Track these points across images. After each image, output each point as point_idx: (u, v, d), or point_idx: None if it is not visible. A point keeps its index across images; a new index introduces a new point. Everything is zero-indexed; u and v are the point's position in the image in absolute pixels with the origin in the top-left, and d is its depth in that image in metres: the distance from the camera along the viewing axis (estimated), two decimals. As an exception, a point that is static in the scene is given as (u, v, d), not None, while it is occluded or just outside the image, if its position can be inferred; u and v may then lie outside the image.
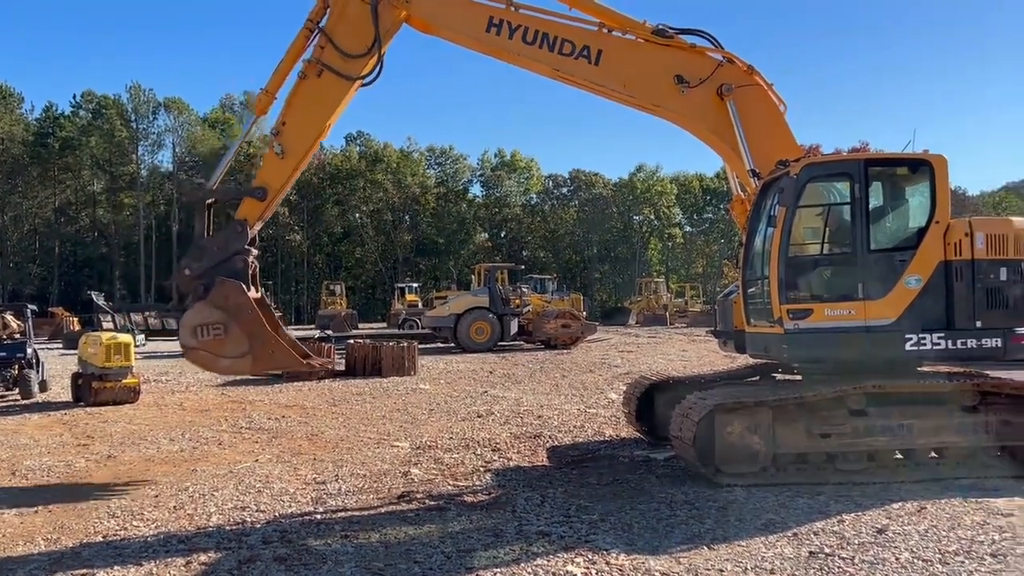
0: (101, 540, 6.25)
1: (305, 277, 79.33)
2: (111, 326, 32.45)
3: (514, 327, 28.21)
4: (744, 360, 9.96)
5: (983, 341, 7.67)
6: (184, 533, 6.37)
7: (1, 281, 67.68)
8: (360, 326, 47.09)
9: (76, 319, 41.48)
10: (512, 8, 8.94)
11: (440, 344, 29.23)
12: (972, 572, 5.14)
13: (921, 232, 7.87)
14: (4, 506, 7.26)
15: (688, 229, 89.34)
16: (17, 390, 15.14)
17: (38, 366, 15.80)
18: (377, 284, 79.34)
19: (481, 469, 8.66)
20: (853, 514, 6.50)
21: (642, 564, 5.41)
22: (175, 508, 7.14)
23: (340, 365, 19.28)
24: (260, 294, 8.75)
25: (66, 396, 15.09)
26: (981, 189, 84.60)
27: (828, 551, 5.59)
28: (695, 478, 7.83)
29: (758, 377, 9.63)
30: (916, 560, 5.37)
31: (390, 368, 18.71)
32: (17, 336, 15.80)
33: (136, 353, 15.48)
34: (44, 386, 15.69)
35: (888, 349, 7.76)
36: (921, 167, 8.02)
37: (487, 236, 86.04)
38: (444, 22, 9.08)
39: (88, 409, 13.64)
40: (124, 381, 14.18)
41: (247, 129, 9.51)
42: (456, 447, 9.91)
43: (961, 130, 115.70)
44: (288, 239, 77.64)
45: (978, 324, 7.66)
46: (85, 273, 73.90)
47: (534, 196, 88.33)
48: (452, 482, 8.08)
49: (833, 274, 8.34)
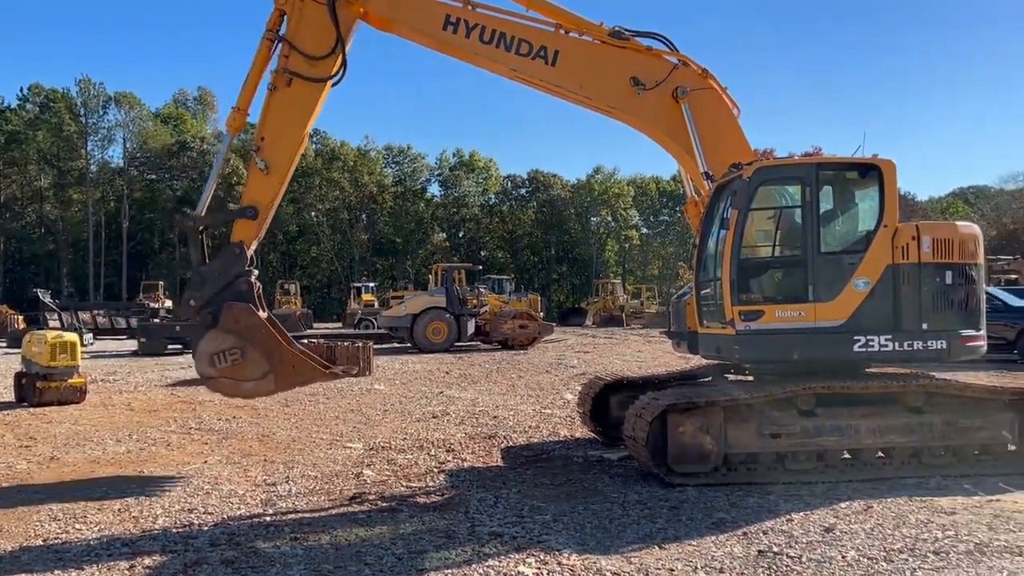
0: (41, 544, 6.07)
1: (260, 276, 78.26)
2: (57, 324, 31.73)
3: (471, 327, 28.15)
4: (698, 361, 10.05)
5: (929, 343, 7.83)
6: (128, 536, 6.22)
7: (-57, 278, 65.85)
8: (315, 326, 46.62)
9: (21, 317, 40.44)
10: (469, 7, 8.91)
11: (396, 344, 29.07)
12: (915, 570, 5.23)
13: (870, 236, 8.01)
14: (-60, 509, 7.03)
15: (645, 231, 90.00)
16: (-43, 390, 14.71)
17: (-20, 365, 15.37)
18: (333, 283, 78.64)
19: (435, 470, 8.61)
20: (801, 513, 6.59)
21: (593, 564, 5.42)
22: (120, 511, 6.97)
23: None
24: (267, 313, 8.63)
25: (9, 396, 14.69)
26: (930, 194, 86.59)
27: (776, 550, 5.66)
28: (648, 478, 7.87)
29: (710, 378, 9.72)
30: (862, 558, 5.46)
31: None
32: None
33: (83, 352, 15.13)
34: (-14, 386, 15.27)
35: (837, 350, 7.88)
36: (870, 171, 8.16)
37: (445, 236, 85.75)
38: (401, 19, 9.02)
39: (32, 409, 13.28)
40: (70, 381, 13.84)
41: (223, 150, 9.21)
42: (410, 448, 9.84)
43: (911, 136, 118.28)
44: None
45: (924, 326, 7.81)
46: (31, 270, 72.16)
47: (492, 196, 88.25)
48: (405, 483, 8.02)
49: (784, 276, 8.46)
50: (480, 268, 41.84)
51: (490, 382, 17.17)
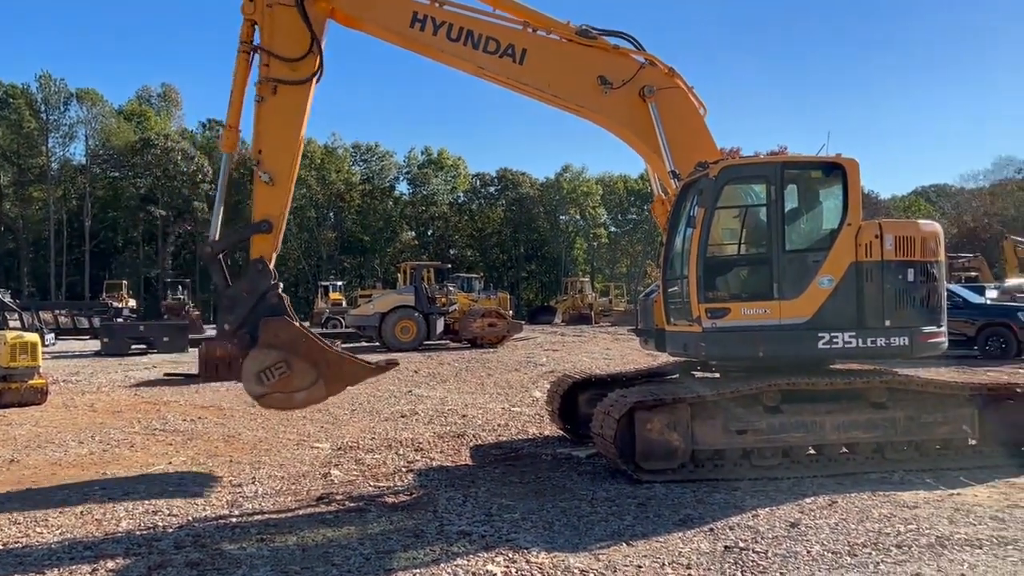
0: (1, 548, 5.95)
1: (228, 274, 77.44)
2: (18, 324, 31.08)
3: (440, 326, 28.08)
4: (666, 358, 10.11)
5: (892, 339, 7.95)
6: (91, 539, 6.12)
7: (-102, 277, 64.31)
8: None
9: (-20, 317, 39.59)
10: (437, 4, 8.88)
11: (364, 343, 28.91)
12: (878, 563, 5.30)
13: (834, 234, 8.11)
14: None
15: (613, 229, 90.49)
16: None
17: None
18: (300, 282, 77.94)
19: (403, 469, 8.58)
20: (767, 509, 6.66)
21: (562, 562, 5.43)
22: (82, 513, 6.86)
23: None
24: (299, 322, 8.62)
25: (-33, 398, 14.35)
26: (892, 193, 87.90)
27: (743, 545, 5.71)
28: (616, 475, 7.90)
29: (678, 375, 9.79)
30: (826, 553, 5.52)
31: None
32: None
33: (44, 353, 14.87)
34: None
35: (802, 347, 7.97)
36: (834, 170, 8.27)
37: (413, 234, 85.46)
38: (368, 16, 8.96)
39: (-9, 411, 13.01)
40: (30, 382, 13.58)
41: (224, 171, 9.02)
42: (378, 447, 9.80)
43: (875, 135, 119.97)
44: (208, 235, 75.63)
45: (887, 323, 7.93)
46: (-10, 269, 70.78)
47: (461, 195, 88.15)
48: (373, 483, 7.98)
49: (750, 274, 8.54)
50: (449, 266, 41.76)
51: (459, 381, 17.14)
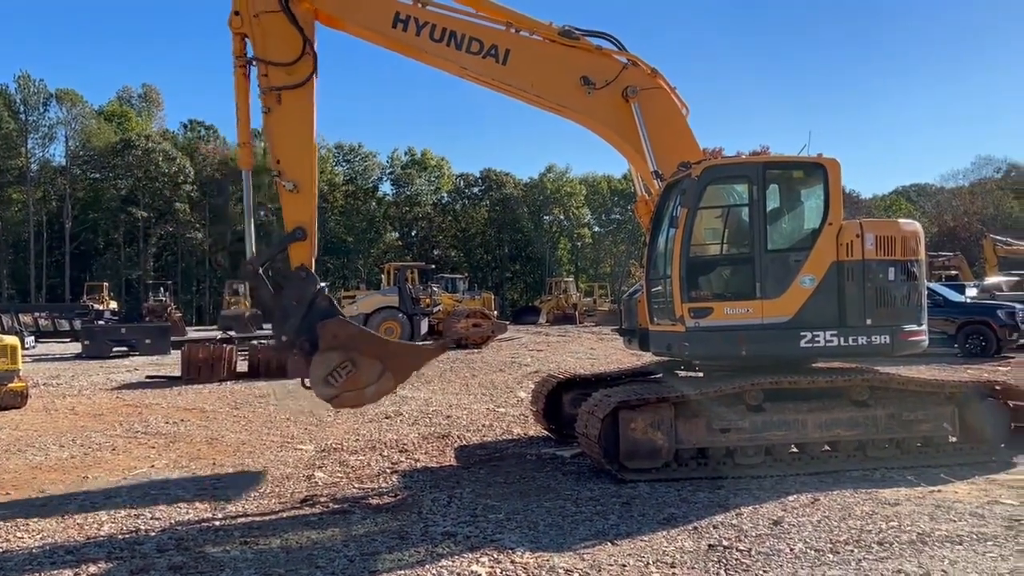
0: (-20, 554, 5.90)
1: (207, 276, 77.01)
2: (-3, 327, 30.82)
3: (424, 327, 28.04)
4: (650, 358, 10.15)
5: (873, 338, 8.01)
6: (72, 543, 6.07)
7: None
8: (265, 326, 46.00)
9: (-41, 321, 39.18)
10: (419, 5, 8.87)
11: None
12: (860, 560, 5.35)
13: (815, 233, 8.17)
14: None
15: (597, 229, 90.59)
16: None
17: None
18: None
19: (388, 471, 8.56)
20: (751, 507, 6.70)
21: (547, 562, 5.44)
22: (63, 517, 6.80)
23: (243, 366, 18.81)
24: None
25: (-54, 402, 14.20)
26: (874, 192, 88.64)
27: (726, 543, 5.74)
28: (600, 475, 7.92)
29: (661, 374, 9.82)
30: (809, 550, 5.56)
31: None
32: None
33: (24, 356, 14.73)
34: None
35: (784, 346, 8.02)
36: (815, 170, 8.33)
37: (397, 235, 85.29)
38: (350, 16, 8.92)
39: (-30, 415, 12.88)
40: (10, 385, 13.45)
41: (247, 188, 9.07)
42: (362, 449, 9.77)
43: (857, 135, 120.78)
44: (189, 237, 75.23)
45: (868, 322, 7.99)
46: (-31, 272, 70.01)
47: (445, 195, 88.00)
48: (358, 485, 7.96)
49: (732, 274, 8.58)
50: (433, 267, 41.72)
51: (444, 381, 17.11)
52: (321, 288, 8.47)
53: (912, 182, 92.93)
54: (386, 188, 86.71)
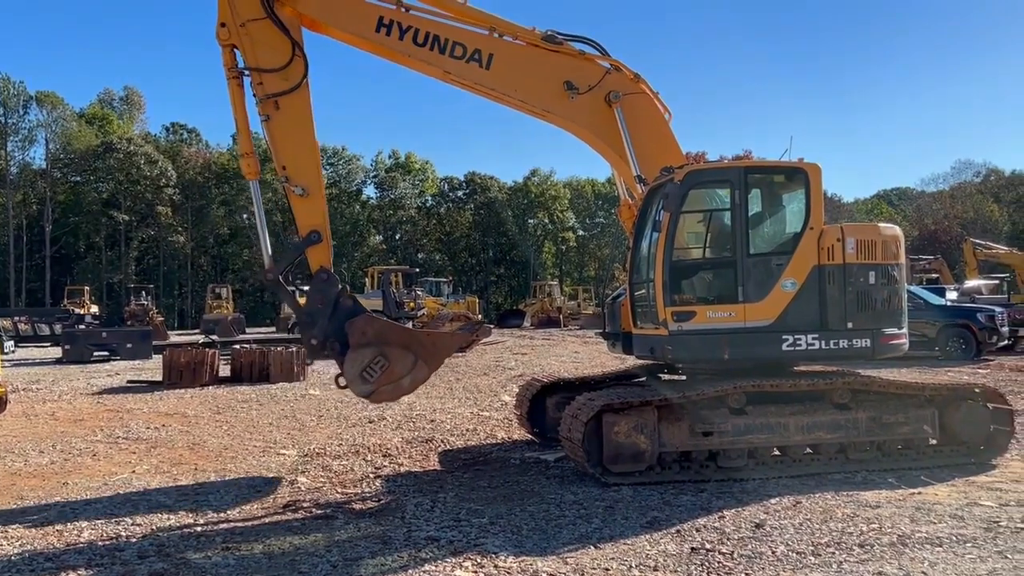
0: (-42, 562, 5.84)
1: (189, 280, 76.61)
2: (-24, 332, 30.50)
3: (408, 331, 27.88)
4: (633, 361, 10.17)
5: (854, 341, 8.07)
6: (52, 550, 6.01)
7: None
8: (248, 330, 45.78)
9: (-64, 325, 38.74)
10: (402, 9, 8.87)
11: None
12: (841, 563, 5.38)
13: (797, 237, 8.22)
14: None
15: (581, 233, 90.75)
16: None
17: None
18: (266, 287, 77.17)
19: (371, 475, 8.54)
20: (733, 510, 6.72)
21: (530, 566, 5.44)
22: (42, 524, 6.73)
23: (225, 371, 18.71)
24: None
25: (-77, 407, 14.03)
26: (855, 196, 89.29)
27: (709, 547, 5.76)
28: (584, 478, 7.93)
29: (644, 378, 9.85)
30: (791, 553, 5.59)
31: (279, 374, 18.23)
32: None
33: (4, 360, 14.60)
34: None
35: (766, 349, 8.07)
36: (797, 175, 8.39)
37: (381, 238, 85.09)
38: (332, 20, 8.90)
39: (-52, 421, 12.74)
40: (-11, 390, 13.32)
41: (257, 199, 9.08)
42: (346, 453, 9.73)
43: (838, 140, 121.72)
44: (171, 240, 74.78)
45: (849, 325, 8.05)
46: (-53, 276, 69.24)
47: (429, 198, 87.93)
48: (341, 489, 7.93)
49: (715, 277, 8.63)
50: (417, 270, 41.67)
51: (427, 385, 17.00)
52: (343, 288, 8.54)
53: (893, 186, 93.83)
54: (370, 191, 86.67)
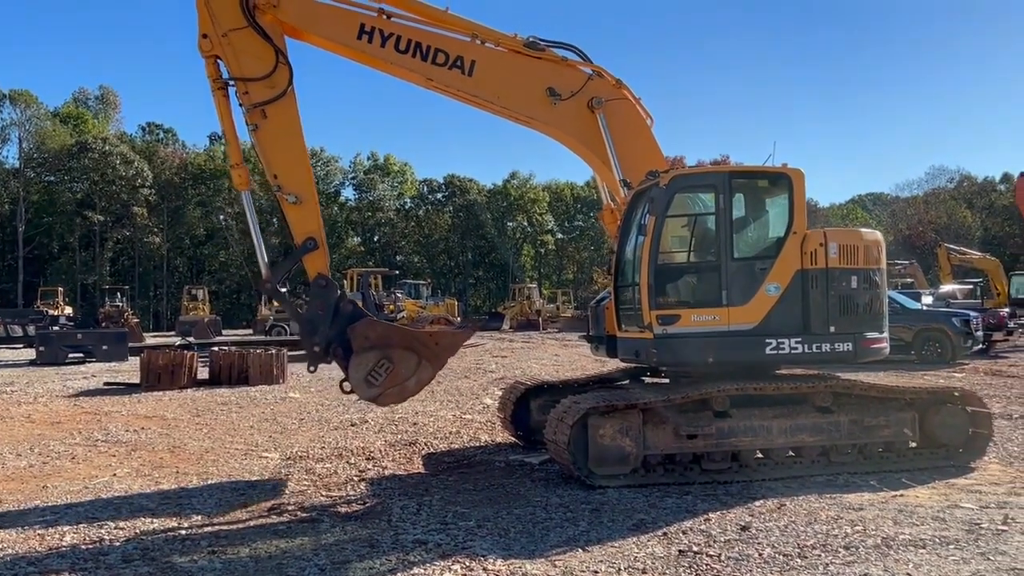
0: (-63, 567, 5.75)
1: (165, 281, 75.92)
2: (-52, 333, 30.05)
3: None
4: (614, 364, 10.22)
5: (836, 345, 8.15)
6: (34, 555, 5.94)
7: None
8: (224, 332, 45.43)
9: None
10: (384, 16, 8.84)
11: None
12: (828, 564, 5.43)
13: (780, 242, 8.29)
14: None
15: (560, 236, 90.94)
16: None
17: None
18: (243, 289, 76.66)
19: (355, 479, 8.50)
20: (719, 512, 6.77)
21: (519, 568, 5.44)
22: (23, 528, 6.64)
23: (204, 373, 18.56)
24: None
25: None
26: (831, 201, 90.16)
27: (696, 549, 5.79)
28: (569, 481, 7.94)
29: (628, 381, 9.90)
30: (777, 555, 5.63)
31: (257, 376, 18.10)
32: None
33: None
34: None
35: (750, 353, 8.13)
36: (781, 180, 8.46)
37: (360, 240, 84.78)
38: (313, 28, 8.84)
39: (-79, 424, 12.54)
40: (-37, 393, 13.15)
41: (249, 209, 8.99)
42: (329, 456, 9.68)
43: (814, 144, 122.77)
44: (147, 241, 74.05)
45: (832, 329, 8.12)
46: (-83, 276, 68.20)
47: (408, 200, 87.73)
48: (325, 493, 7.89)
49: (699, 281, 8.68)
50: (397, 273, 41.57)
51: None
52: (342, 293, 8.50)
53: (868, 191, 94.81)
54: (348, 193, 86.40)
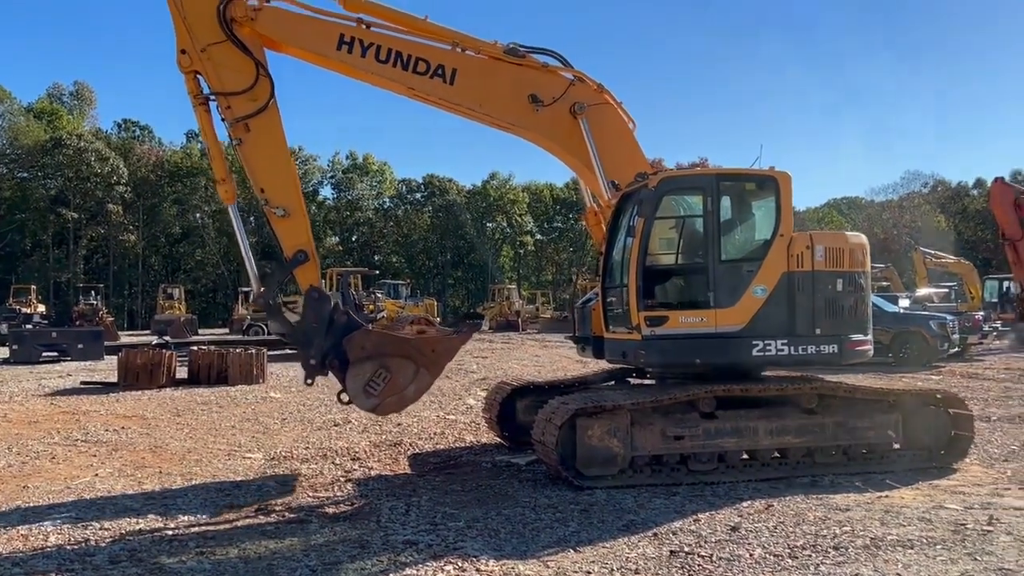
0: (-81, 568, 5.65)
1: (140, 280, 75.14)
2: (-82, 331, 29.56)
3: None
4: (596, 365, 10.24)
5: (822, 347, 8.22)
6: (18, 556, 5.85)
7: None
8: (200, 332, 45.05)
9: None
10: (363, 26, 8.79)
11: (289, 351, 28.31)
12: (818, 564, 5.47)
13: (767, 244, 8.35)
14: None
15: (539, 237, 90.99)
16: None
17: None
18: (219, 288, 76.12)
19: (342, 479, 8.45)
20: (707, 513, 6.80)
21: (512, 569, 5.44)
22: (5, 529, 6.54)
23: (182, 373, 18.40)
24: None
25: None
26: (807, 205, 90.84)
27: (688, 550, 5.81)
28: (557, 481, 7.95)
29: (613, 382, 9.93)
30: (768, 556, 5.67)
31: (237, 376, 17.97)
32: None
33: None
34: None
35: (737, 354, 8.18)
36: (768, 183, 8.52)
37: (338, 240, 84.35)
38: (292, 40, 8.78)
39: None
40: (-62, 391, 12.93)
41: (237, 223, 8.98)
42: (313, 457, 9.63)
43: (789, 147, 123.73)
44: (122, 239, 73.21)
45: (817, 331, 8.19)
46: None
47: (387, 200, 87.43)
48: (312, 493, 7.84)
49: (687, 283, 8.73)
50: (376, 272, 41.44)
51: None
52: (336, 304, 8.44)
53: (843, 195, 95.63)
54: (327, 192, 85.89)
